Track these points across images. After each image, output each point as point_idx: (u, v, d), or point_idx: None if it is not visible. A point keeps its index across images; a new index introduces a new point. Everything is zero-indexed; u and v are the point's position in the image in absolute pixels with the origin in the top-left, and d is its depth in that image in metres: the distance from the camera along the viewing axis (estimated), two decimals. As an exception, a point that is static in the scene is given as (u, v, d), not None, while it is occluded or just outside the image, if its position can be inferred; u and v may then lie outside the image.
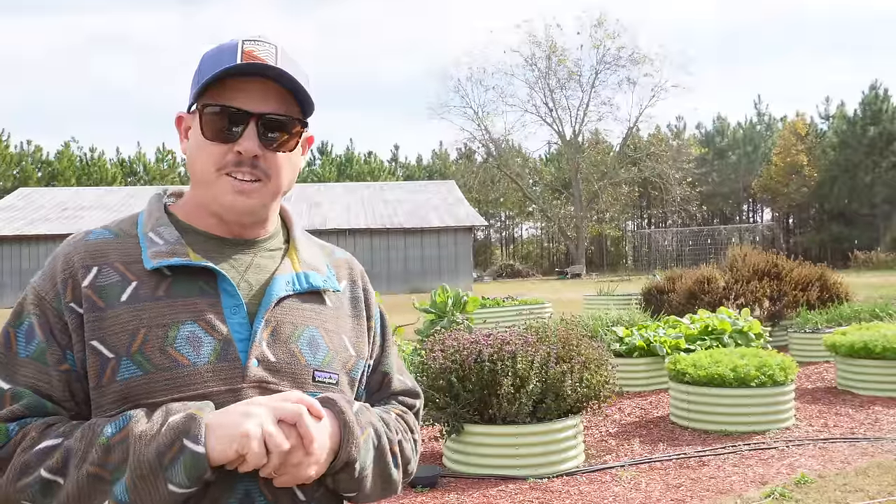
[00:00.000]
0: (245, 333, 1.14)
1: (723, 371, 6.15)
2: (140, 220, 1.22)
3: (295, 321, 1.19)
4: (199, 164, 1.17)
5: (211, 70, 1.14)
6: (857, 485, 4.72)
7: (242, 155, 1.14)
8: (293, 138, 1.19)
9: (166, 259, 1.14)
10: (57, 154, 50.22)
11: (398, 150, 73.77)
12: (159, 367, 1.08)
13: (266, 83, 1.16)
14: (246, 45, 1.14)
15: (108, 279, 1.13)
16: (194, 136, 1.18)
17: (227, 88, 1.15)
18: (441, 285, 12.05)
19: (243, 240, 1.22)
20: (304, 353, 1.17)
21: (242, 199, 1.16)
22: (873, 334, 7.45)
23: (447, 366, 5.23)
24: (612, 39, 44.67)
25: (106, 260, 1.15)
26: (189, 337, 1.10)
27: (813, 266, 11.76)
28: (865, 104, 43.67)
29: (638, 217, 58.06)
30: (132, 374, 1.08)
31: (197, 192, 1.21)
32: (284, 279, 1.20)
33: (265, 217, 1.23)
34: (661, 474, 5.15)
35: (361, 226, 30.84)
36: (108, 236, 1.19)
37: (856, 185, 42.62)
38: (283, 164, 1.18)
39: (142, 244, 1.17)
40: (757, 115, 55.13)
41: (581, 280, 35.50)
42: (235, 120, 1.14)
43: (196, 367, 1.09)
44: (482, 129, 47.52)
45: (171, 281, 1.14)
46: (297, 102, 1.19)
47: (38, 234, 28.75)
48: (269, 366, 1.14)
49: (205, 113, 1.15)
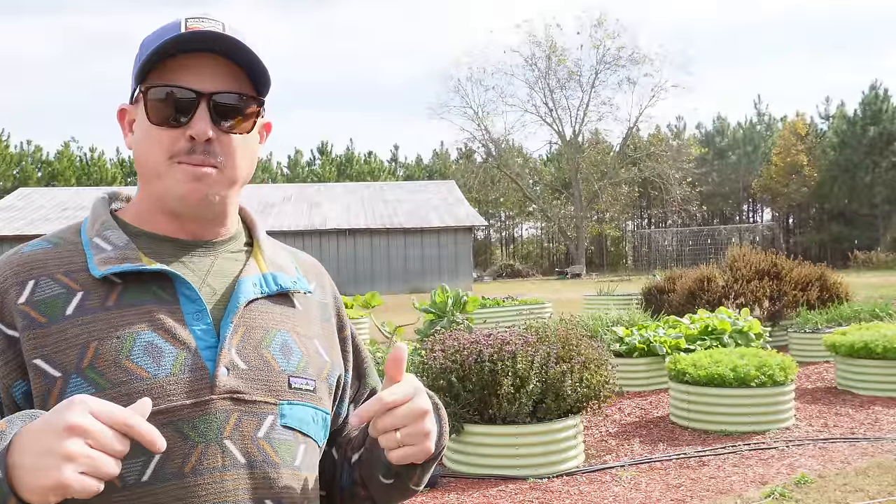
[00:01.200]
0: (211, 341, 1.03)
1: (723, 371, 6.15)
2: (83, 227, 1.10)
3: (265, 325, 1.08)
4: (147, 154, 1.05)
5: (150, 48, 1.02)
6: (857, 485, 4.72)
7: (195, 140, 1.02)
8: (248, 119, 1.07)
9: (116, 265, 1.02)
10: (57, 154, 50.23)
11: (398, 150, 73.75)
12: (115, 381, 0.96)
13: (216, 59, 1.05)
14: (189, 22, 1.04)
15: (49, 291, 1.01)
16: (140, 125, 1.06)
17: (172, 69, 1.04)
18: (441, 285, 12.06)
19: (202, 241, 1.11)
20: (277, 359, 1.07)
21: (197, 186, 1.04)
22: (873, 334, 7.46)
23: (447, 366, 5.23)
24: (612, 39, 44.71)
25: (44, 271, 1.03)
26: (147, 347, 0.99)
27: (813, 266, 11.77)
28: (865, 104, 43.67)
29: (638, 217, 58.07)
30: (84, 392, 0.94)
31: (147, 189, 1.09)
32: (251, 280, 1.09)
33: (223, 212, 1.11)
34: (661, 474, 5.15)
35: (361, 226, 30.84)
36: (45, 247, 1.07)
37: (856, 185, 42.62)
38: (239, 148, 1.07)
39: (87, 251, 1.05)
40: (757, 115, 55.15)
41: (581, 280, 35.50)
42: (184, 101, 1.02)
43: (157, 379, 0.97)
44: (482, 129, 47.57)
45: (121, 289, 1.02)
46: (249, 80, 1.07)
47: (37, 235, 28.65)
48: (240, 374, 1.03)
49: (149, 95, 1.03)
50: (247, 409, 1.03)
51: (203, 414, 0.99)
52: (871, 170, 41.96)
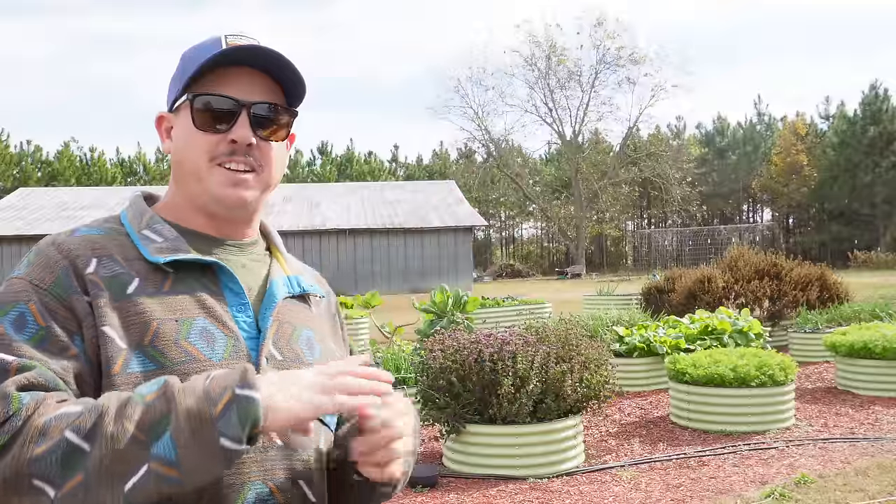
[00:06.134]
0: (252, 332, 1.13)
1: (723, 371, 6.15)
2: (125, 221, 1.17)
3: (294, 322, 1.19)
4: (189, 156, 1.14)
5: (196, 62, 1.12)
6: (857, 485, 4.72)
7: (237, 143, 1.13)
8: (283, 128, 1.19)
9: (170, 255, 1.11)
10: (57, 154, 50.22)
11: (398, 150, 73.79)
12: (174, 360, 1.04)
13: (252, 74, 1.15)
14: (229, 38, 1.14)
15: (111, 270, 1.08)
16: (183, 130, 1.16)
17: (214, 80, 1.14)
18: (441, 285, 12.06)
19: (233, 241, 1.21)
20: (304, 353, 1.18)
21: (237, 190, 1.14)
22: (873, 334, 7.45)
23: (447, 366, 5.23)
24: (611, 39, 44.69)
25: (104, 252, 1.09)
26: (202, 332, 1.08)
27: (813, 266, 11.76)
28: (865, 104, 43.64)
29: (638, 217, 58.04)
30: (146, 367, 1.03)
31: (184, 190, 1.18)
32: (281, 280, 1.20)
33: (254, 213, 1.22)
34: (661, 474, 5.15)
35: (361, 226, 30.83)
36: (98, 233, 1.13)
37: (856, 185, 42.60)
38: (274, 155, 1.18)
39: (136, 242, 1.13)
40: (757, 115, 55.12)
41: (581, 280, 35.50)
42: (228, 109, 1.13)
43: (211, 361, 1.06)
44: (482, 129, 47.56)
45: (173, 278, 1.11)
46: (283, 93, 1.19)
47: (37, 234, 28.75)
48: (277, 364, 1.13)
49: (195, 103, 1.13)
50: None
51: None
52: (872, 170, 41.93)
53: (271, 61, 1.14)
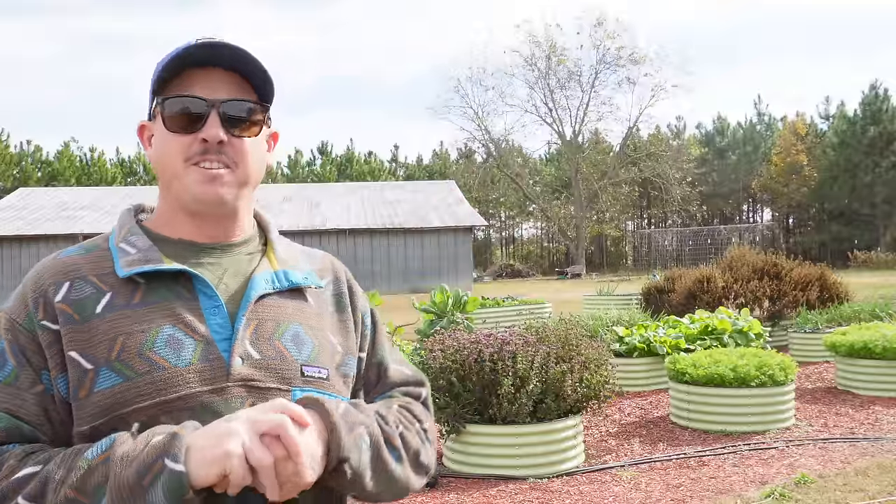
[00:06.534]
0: (227, 333, 1.13)
1: (723, 371, 6.15)
2: (112, 235, 1.22)
3: (277, 318, 1.18)
4: (166, 159, 1.17)
5: (164, 63, 1.15)
6: (857, 485, 4.72)
7: (208, 142, 1.14)
8: (256, 124, 1.19)
9: (139, 266, 1.13)
10: (57, 154, 50.21)
11: (398, 150, 73.80)
12: (139, 372, 1.06)
13: (220, 73, 1.17)
14: (199, 41, 1.16)
15: (82, 292, 1.12)
16: (158, 135, 1.18)
17: (182, 83, 1.16)
18: (441, 285, 12.06)
19: (219, 244, 1.22)
20: (289, 350, 1.16)
21: (212, 187, 1.15)
22: (873, 334, 7.45)
23: (447, 366, 5.23)
24: (611, 39, 44.70)
25: (77, 274, 1.14)
26: (168, 340, 1.09)
27: (813, 266, 11.76)
28: (865, 104, 43.64)
29: (638, 217, 58.06)
30: (112, 382, 1.06)
31: (168, 194, 1.20)
32: (263, 277, 1.20)
33: (236, 211, 1.22)
34: (661, 474, 5.15)
35: (361, 226, 30.84)
36: (80, 253, 1.19)
37: (856, 185, 42.61)
38: (249, 151, 1.18)
39: (114, 256, 1.16)
40: (757, 115, 55.11)
41: (581, 280, 35.51)
42: (197, 109, 1.15)
43: (177, 368, 1.07)
44: (482, 129, 47.57)
45: (145, 288, 1.13)
46: (254, 89, 1.20)
47: (37, 234, 28.76)
48: (254, 363, 1.12)
49: (165, 106, 1.16)
50: (260, 395, 1.11)
51: (220, 400, 1.09)
52: (872, 170, 41.94)
53: (237, 59, 1.16)
